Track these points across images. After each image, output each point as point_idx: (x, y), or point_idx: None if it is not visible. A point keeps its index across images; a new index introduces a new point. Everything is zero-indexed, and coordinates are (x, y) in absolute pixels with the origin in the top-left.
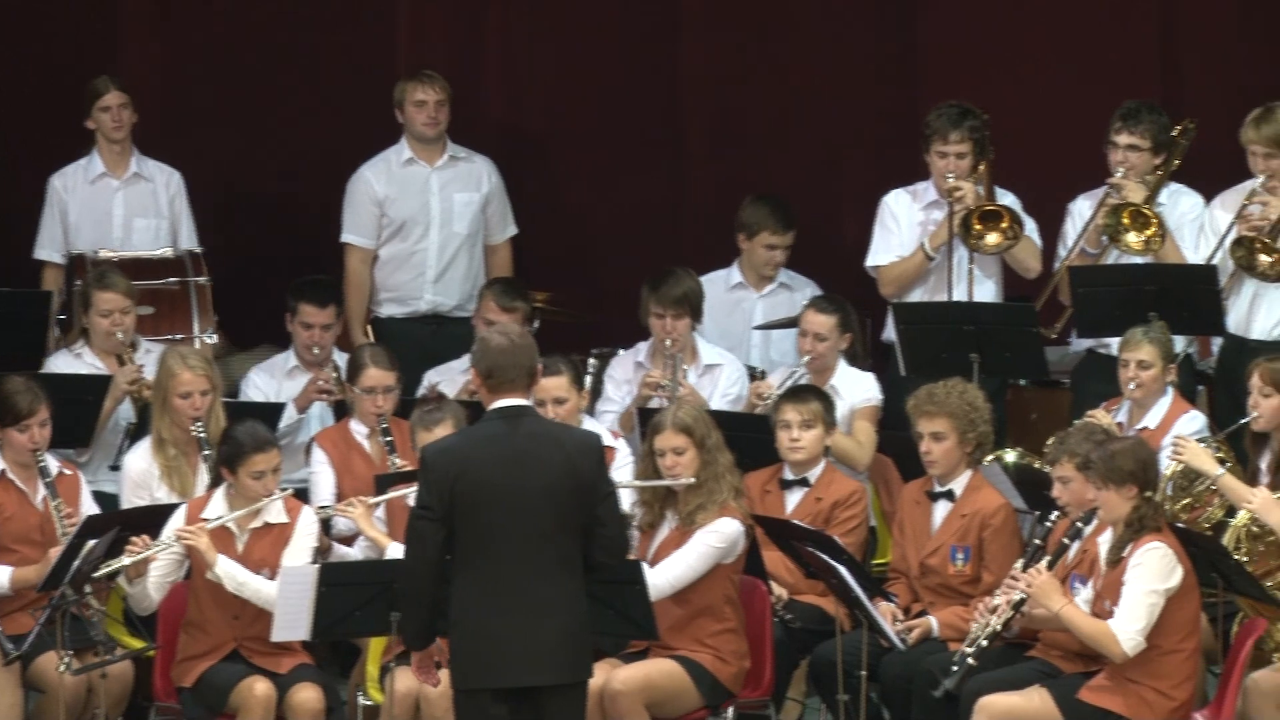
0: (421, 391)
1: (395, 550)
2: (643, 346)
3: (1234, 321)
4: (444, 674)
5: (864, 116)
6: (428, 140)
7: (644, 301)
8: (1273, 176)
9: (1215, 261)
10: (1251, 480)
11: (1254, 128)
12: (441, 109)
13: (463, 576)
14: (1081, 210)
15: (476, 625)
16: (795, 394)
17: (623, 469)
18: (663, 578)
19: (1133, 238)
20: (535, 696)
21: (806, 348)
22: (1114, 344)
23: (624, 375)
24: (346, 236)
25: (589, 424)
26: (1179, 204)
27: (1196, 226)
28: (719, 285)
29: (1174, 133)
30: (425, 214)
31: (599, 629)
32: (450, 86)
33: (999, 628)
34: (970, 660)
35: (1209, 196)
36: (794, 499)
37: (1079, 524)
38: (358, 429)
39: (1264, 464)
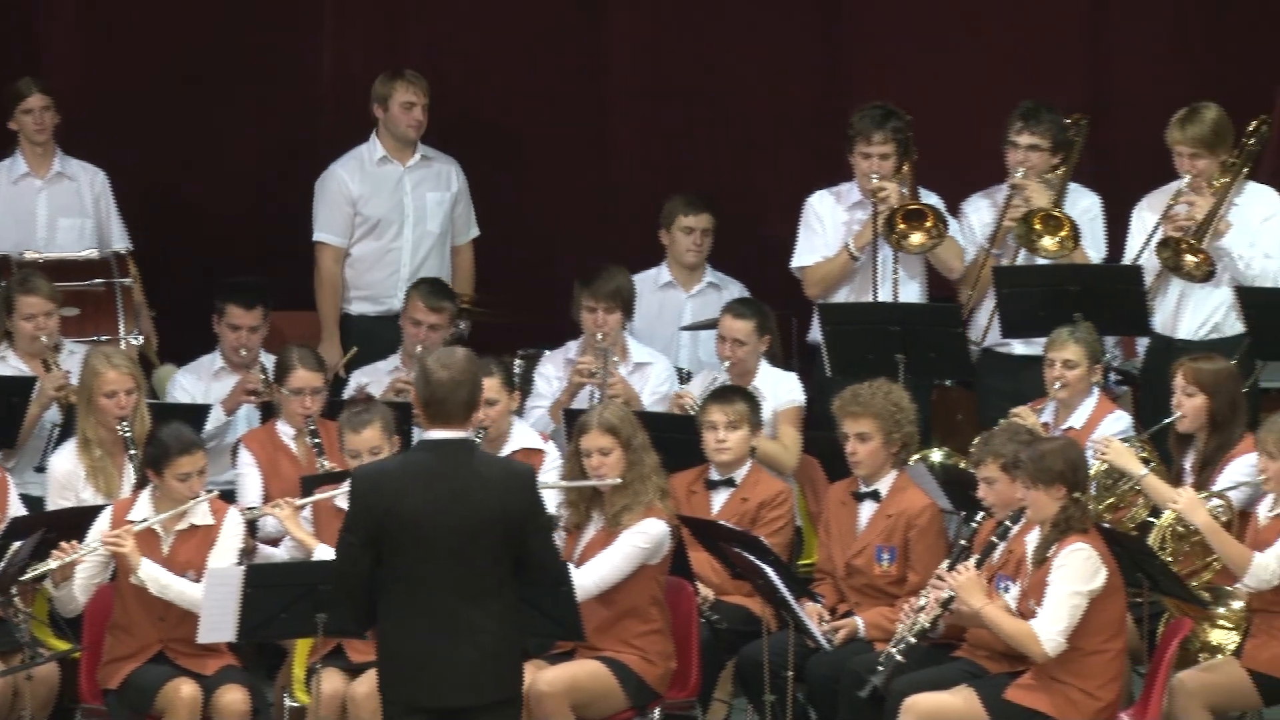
0: (349, 393)
1: (322, 552)
2: (573, 345)
3: (1161, 322)
4: (374, 674)
5: (791, 117)
6: (409, 141)
7: (576, 296)
8: (1198, 177)
9: (1142, 262)
10: (1175, 480)
11: (1179, 128)
12: (425, 111)
13: (389, 594)
14: (978, 209)
15: (403, 642)
16: (721, 395)
17: (550, 472)
18: (589, 579)
19: (1048, 242)
20: (463, 715)
21: (726, 353)
22: (1014, 342)
23: (555, 372)
24: (319, 235)
25: (518, 425)
26: (1078, 203)
27: (1096, 225)
28: (648, 284)
29: (1069, 125)
30: (399, 213)
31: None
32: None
33: (927, 625)
34: (898, 658)
35: (1134, 198)
36: (720, 500)
37: (1008, 523)
38: (285, 430)
39: (1188, 464)
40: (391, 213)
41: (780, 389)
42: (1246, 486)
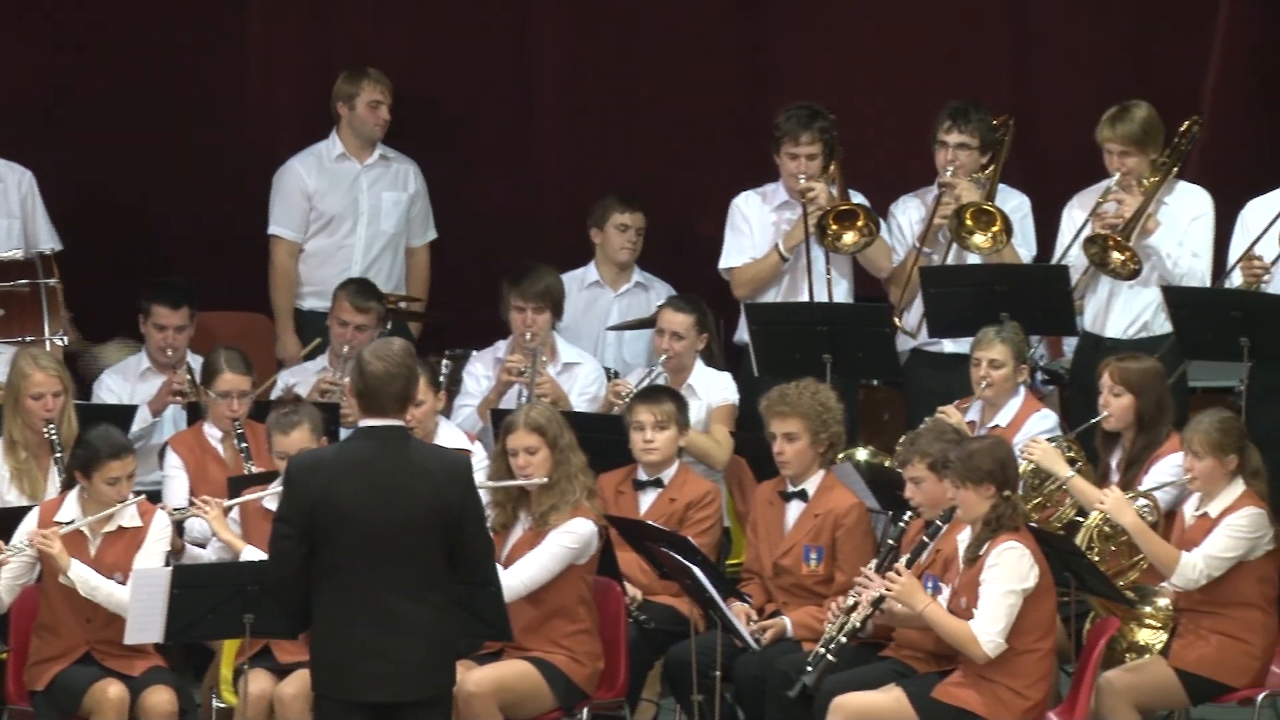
0: (277, 394)
1: (250, 553)
2: (501, 344)
3: (1090, 320)
4: (302, 674)
5: (717, 117)
6: (374, 139)
7: (505, 296)
8: (1127, 175)
9: (1070, 259)
10: (1102, 479)
11: (1109, 126)
12: (388, 110)
13: (323, 588)
14: (907, 209)
15: (336, 637)
16: (649, 395)
17: (477, 472)
18: (516, 579)
19: (979, 239)
20: (396, 710)
21: (664, 346)
22: (944, 341)
23: (484, 371)
24: (274, 229)
25: (444, 426)
26: (1007, 203)
27: (1026, 225)
28: (575, 284)
29: (997, 126)
30: (354, 210)
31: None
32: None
33: (859, 625)
34: (829, 657)
35: (1060, 199)
36: (648, 500)
37: (938, 523)
38: (211, 432)
39: (1114, 463)
40: (346, 210)
41: (715, 387)
42: (1173, 486)
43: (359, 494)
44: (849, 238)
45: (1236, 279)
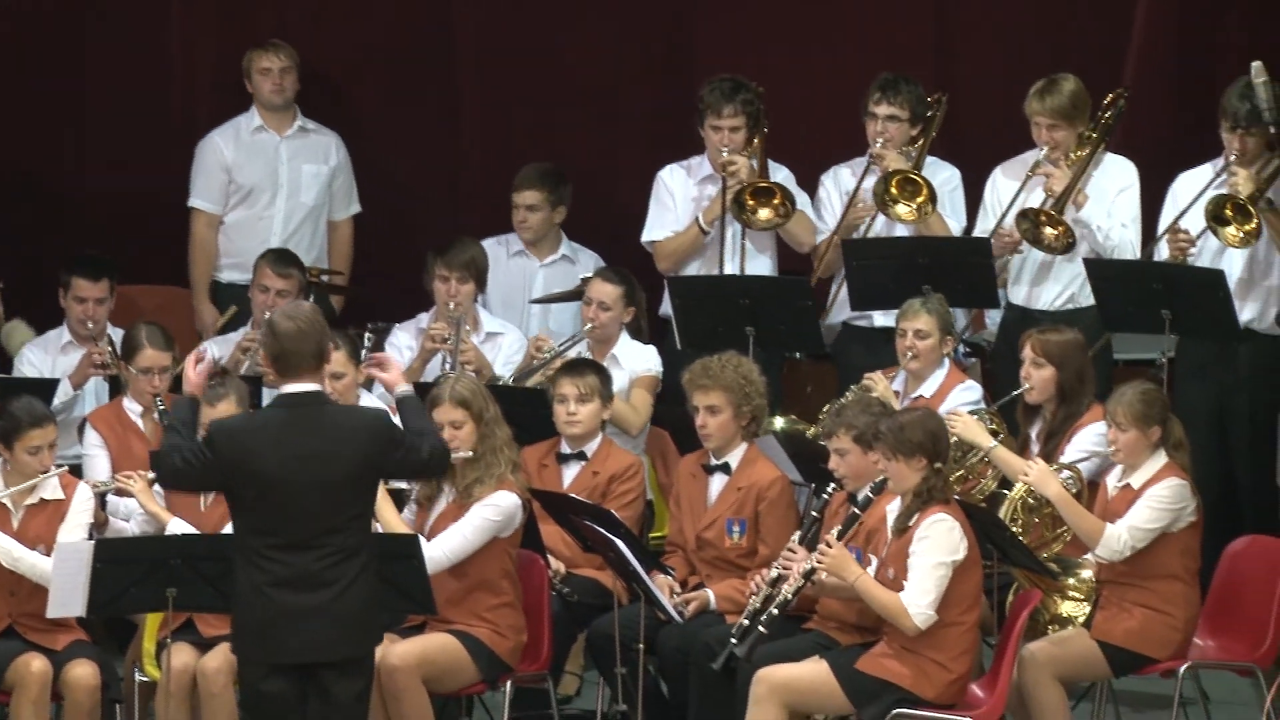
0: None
1: (176, 525)
2: (424, 316)
3: (1020, 293)
4: (225, 647)
5: (638, 89)
6: (275, 108)
7: (429, 266)
8: (1055, 149)
9: (1003, 230)
10: (1022, 451)
11: (1038, 99)
12: (287, 76)
13: (243, 554)
14: (838, 179)
15: (256, 601)
16: (572, 368)
17: None
18: (439, 550)
19: (903, 209)
20: (317, 672)
21: (590, 315)
22: (874, 315)
23: (407, 341)
24: (194, 201)
25: (366, 399)
26: (936, 175)
27: (956, 197)
28: (502, 251)
29: (930, 102)
30: (272, 182)
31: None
32: (295, 55)
33: (790, 597)
34: (761, 629)
35: (984, 169)
36: (571, 473)
37: (868, 494)
38: (132, 407)
39: (1035, 434)
40: (264, 182)
41: (638, 359)
42: (1095, 458)
43: (275, 463)
44: (764, 214)
45: (1163, 252)
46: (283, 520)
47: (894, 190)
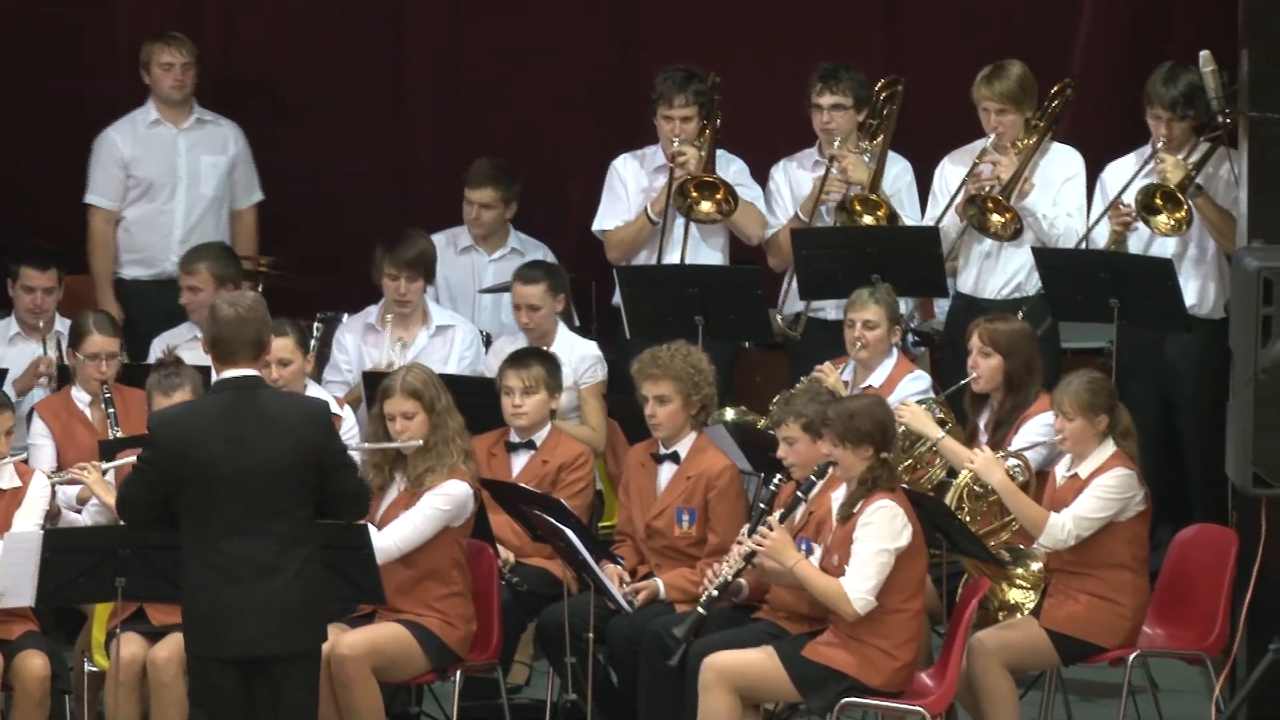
0: (156, 357)
1: None
2: (372, 310)
3: (968, 281)
4: (175, 637)
5: (589, 78)
6: (174, 102)
7: (378, 262)
8: (1002, 135)
9: (946, 220)
10: (970, 440)
11: (986, 84)
12: (188, 71)
13: (190, 546)
14: (787, 172)
15: (204, 594)
16: (517, 359)
17: (350, 436)
18: (389, 539)
19: (868, 221)
20: (266, 665)
21: (523, 320)
22: (827, 306)
23: (353, 340)
24: (90, 198)
25: (314, 390)
26: (890, 170)
27: (911, 191)
28: (450, 245)
29: (880, 89)
30: (172, 176)
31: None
32: (195, 49)
33: (730, 577)
34: (700, 610)
35: (932, 161)
36: (520, 462)
37: (814, 478)
38: (80, 397)
39: (983, 424)
40: (164, 176)
41: (579, 357)
42: (1043, 447)
43: (216, 447)
44: (706, 207)
45: (1100, 240)
46: (223, 505)
47: (857, 208)
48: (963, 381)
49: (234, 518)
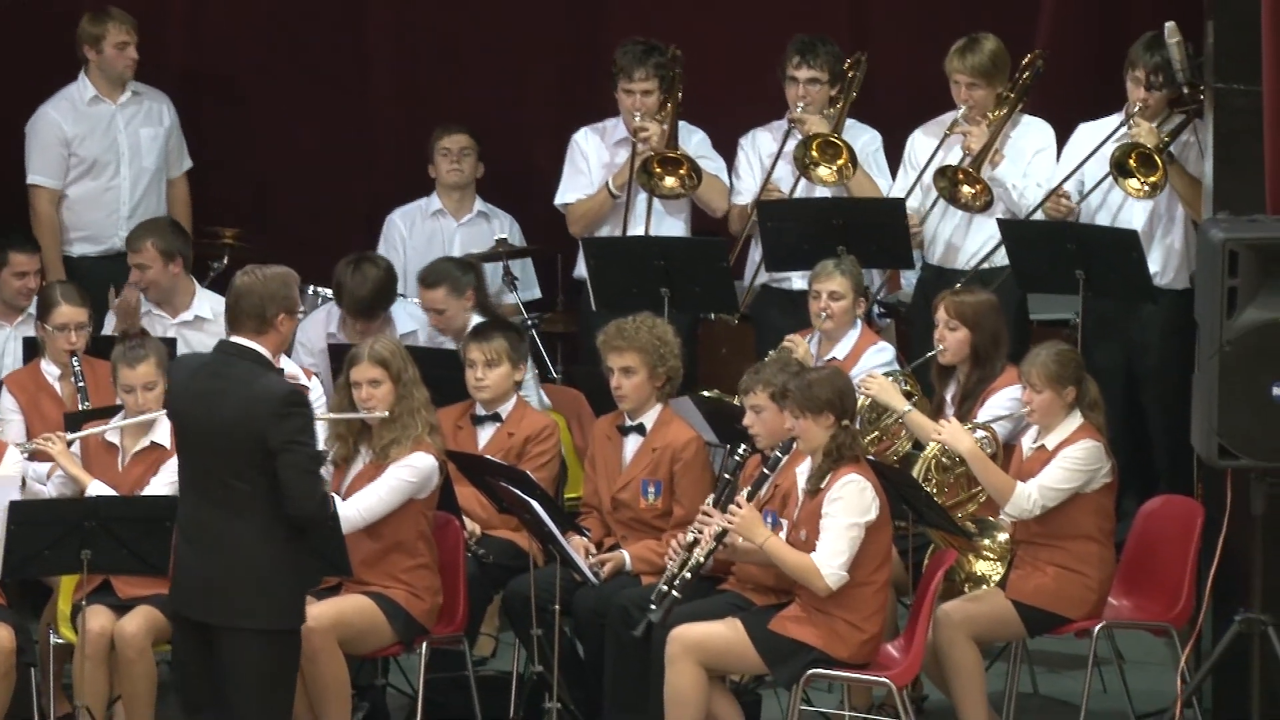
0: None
1: (96, 487)
2: (335, 312)
3: (938, 252)
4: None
5: (549, 49)
6: (125, 80)
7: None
8: (974, 108)
9: (917, 191)
10: (936, 413)
11: (959, 58)
12: (135, 49)
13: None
14: (756, 142)
15: (175, 551)
16: (480, 332)
17: (316, 405)
18: (354, 509)
19: (824, 171)
20: (214, 632)
21: (432, 322)
22: (793, 277)
23: (317, 335)
24: (33, 179)
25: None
26: (858, 139)
27: (880, 159)
28: (418, 214)
29: (846, 66)
30: (114, 151)
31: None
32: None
33: (703, 560)
34: (675, 594)
35: (899, 132)
36: (486, 434)
37: (777, 454)
38: (49, 369)
39: (949, 396)
40: (107, 153)
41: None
42: (1010, 419)
43: (187, 398)
44: (669, 182)
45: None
46: (188, 460)
47: (814, 153)
48: (928, 354)
49: (193, 476)
